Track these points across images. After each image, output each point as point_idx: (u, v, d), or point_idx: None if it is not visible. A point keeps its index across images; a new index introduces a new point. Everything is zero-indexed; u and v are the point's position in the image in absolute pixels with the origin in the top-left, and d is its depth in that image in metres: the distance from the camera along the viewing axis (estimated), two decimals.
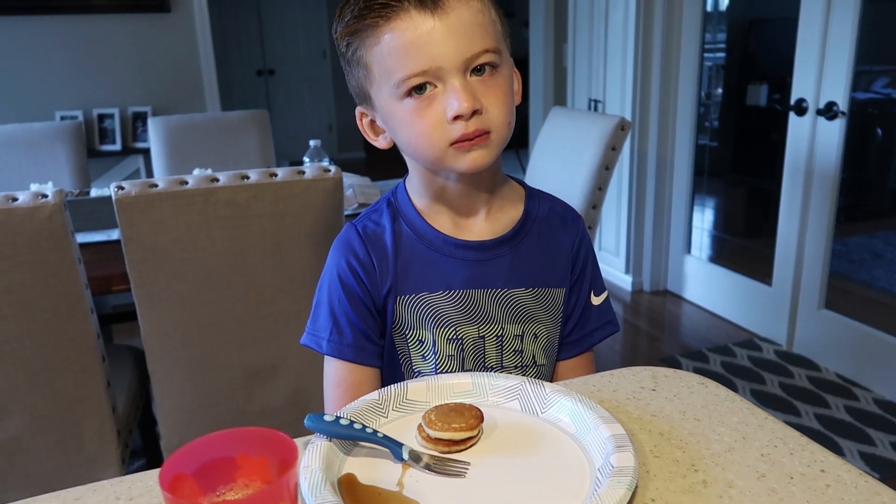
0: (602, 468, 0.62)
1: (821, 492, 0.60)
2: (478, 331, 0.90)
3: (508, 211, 0.92)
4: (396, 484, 0.63)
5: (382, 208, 0.93)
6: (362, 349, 0.90)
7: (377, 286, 0.89)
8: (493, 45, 0.79)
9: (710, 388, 0.79)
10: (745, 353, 2.79)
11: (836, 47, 2.44)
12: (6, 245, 1.26)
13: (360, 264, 0.89)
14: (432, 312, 0.89)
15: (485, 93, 0.78)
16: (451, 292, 0.89)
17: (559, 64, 4.07)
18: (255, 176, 1.37)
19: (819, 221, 2.62)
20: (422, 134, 0.80)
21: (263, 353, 1.55)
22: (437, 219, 0.91)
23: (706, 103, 3.39)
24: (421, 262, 0.89)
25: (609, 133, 2.06)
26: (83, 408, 1.47)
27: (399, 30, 0.76)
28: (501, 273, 0.90)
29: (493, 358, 0.91)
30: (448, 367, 0.90)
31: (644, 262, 3.51)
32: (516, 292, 0.90)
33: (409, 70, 0.77)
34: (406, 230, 0.91)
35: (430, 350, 0.90)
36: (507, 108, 0.81)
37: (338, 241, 0.92)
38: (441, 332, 0.89)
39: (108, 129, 3.69)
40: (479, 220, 0.91)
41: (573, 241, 0.95)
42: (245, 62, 6.90)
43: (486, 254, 0.90)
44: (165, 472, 0.46)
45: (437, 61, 0.76)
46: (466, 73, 0.78)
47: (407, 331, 0.90)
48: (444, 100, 0.78)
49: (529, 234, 0.92)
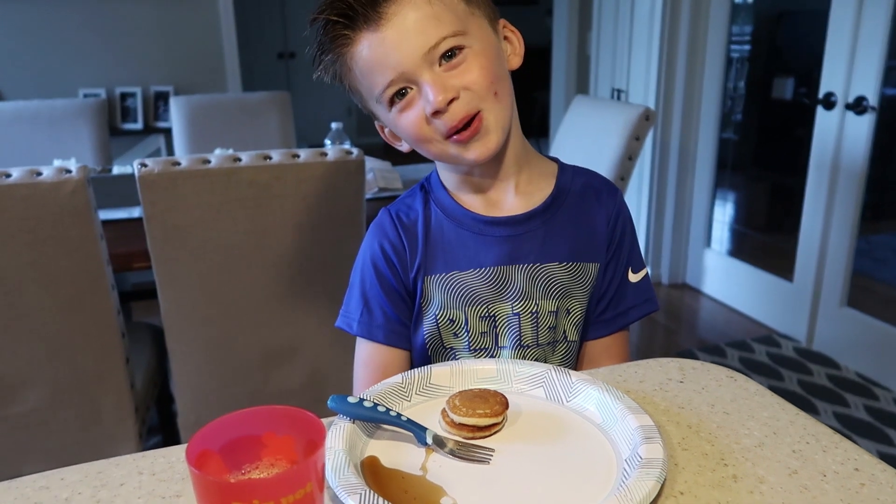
0: (630, 459, 0.61)
1: (855, 490, 0.58)
2: (511, 308, 0.89)
3: (540, 186, 0.92)
4: (420, 468, 0.62)
5: (416, 192, 0.95)
6: (391, 331, 0.92)
7: (407, 268, 0.90)
8: (450, 31, 0.79)
9: (740, 381, 0.77)
10: (764, 350, 2.76)
11: (868, 41, 2.39)
12: (29, 219, 1.27)
13: (392, 247, 0.91)
14: (463, 291, 0.89)
15: (459, 75, 0.79)
16: (483, 270, 0.89)
17: (582, 52, 4.03)
18: (278, 156, 1.37)
19: (844, 218, 2.58)
20: (415, 134, 0.82)
21: (281, 334, 1.55)
22: (466, 198, 0.91)
23: (731, 96, 3.34)
24: (451, 241, 0.90)
25: (633, 122, 2.03)
26: (102, 383, 1.48)
27: (359, 52, 0.80)
28: (534, 248, 0.89)
29: (529, 335, 0.90)
30: (482, 344, 0.90)
31: (663, 254, 3.48)
32: (549, 267, 0.89)
33: (380, 84, 0.80)
34: (436, 211, 0.92)
35: (462, 328, 0.90)
36: (487, 80, 0.80)
37: (372, 226, 0.94)
38: (473, 310, 0.89)
39: (130, 108, 3.71)
40: (508, 196, 0.90)
41: (609, 215, 0.93)
42: (266, 45, 6.89)
43: (517, 229, 0.89)
44: (192, 449, 0.46)
45: (399, 67, 0.78)
46: (434, 65, 0.79)
47: (438, 310, 0.90)
48: (422, 98, 0.80)
49: (562, 208, 0.91)
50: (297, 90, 6.98)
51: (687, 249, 3.44)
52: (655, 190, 3.40)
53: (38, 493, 0.60)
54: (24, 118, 2.51)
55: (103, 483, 0.62)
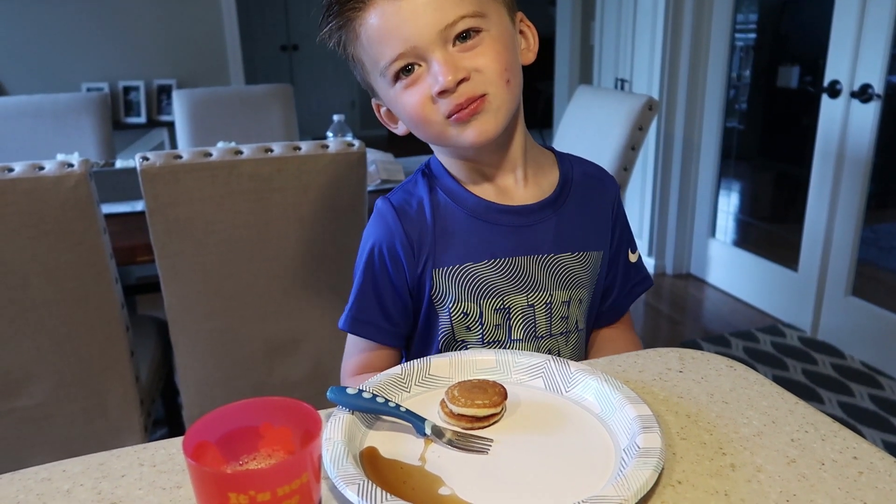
0: (628, 449, 0.61)
1: (853, 479, 0.58)
2: (527, 299, 0.87)
3: (546, 174, 0.91)
4: (419, 458, 0.62)
5: (417, 179, 0.91)
6: (379, 329, 0.89)
7: (414, 262, 0.87)
8: (470, 10, 0.76)
9: (739, 371, 0.77)
10: (769, 339, 2.76)
11: (873, 28, 2.37)
12: (32, 214, 1.27)
13: (396, 240, 0.86)
14: (478, 283, 0.86)
15: (472, 58, 0.76)
16: (497, 261, 0.86)
17: (586, 42, 4.01)
18: (279, 149, 1.37)
19: (849, 207, 2.57)
20: (416, 114, 0.79)
21: (285, 326, 1.55)
22: (475, 186, 0.88)
23: (735, 85, 3.32)
24: (462, 230, 0.86)
25: (637, 112, 2.02)
26: (107, 376, 1.49)
27: (370, 20, 0.77)
28: (547, 238, 0.87)
29: (543, 326, 0.89)
30: (495, 336, 0.88)
31: (667, 244, 3.47)
32: (563, 257, 0.88)
33: (388, 56, 0.77)
34: (444, 199, 0.88)
35: (476, 321, 0.87)
36: (500, 66, 0.77)
37: (373, 216, 0.90)
38: (488, 302, 0.87)
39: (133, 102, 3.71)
40: (518, 185, 0.88)
41: (611, 202, 0.94)
42: (269, 37, 6.88)
43: (531, 218, 0.87)
44: (189, 440, 0.46)
45: (411, 41, 0.75)
46: (447, 44, 0.76)
47: (450, 303, 0.87)
48: (430, 76, 0.76)
49: (570, 197, 0.90)
50: (300, 83, 6.98)
51: (691, 239, 3.43)
52: (660, 180, 3.39)
53: (40, 484, 0.61)
54: (27, 112, 2.52)
55: (104, 475, 0.62)
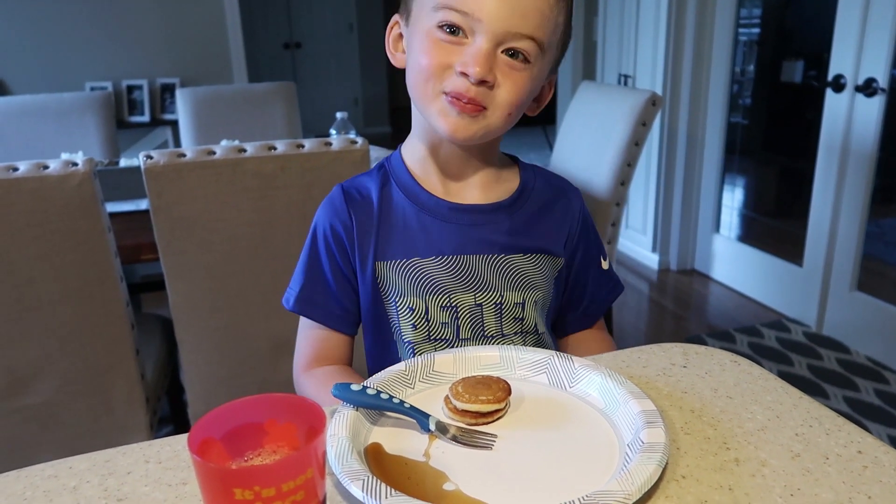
0: (632, 444, 0.61)
1: (857, 473, 0.58)
2: (474, 298, 0.87)
3: (504, 182, 0.90)
4: (423, 454, 0.62)
5: (374, 171, 0.91)
6: (331, 313, 0.90)
7: (354, 247, 0.87)
8: (540, 38, 0.76)
9: (743, 365, 0.77)
10: (773, 334, 2.75)
11: (878, 22, 2.36)
12: (37, 212, 1.28)
13: (342, 226, 0.87)
14: (424, 278, 0.86)
15: (504, 75, 0.76)
16: (445, 258, 0.86)
17: (589, 38, 4.00)
18: (283, 147, 1.37)
19: (854, 201, 2.56)
20: (426, 68, 0.77)
21: (289, 324, 1.55)
22: (430, 182, 0.88)
23: (739, 80, 3.31)
24: (411, 225, 0.87)
25: (640, 108, 2.02)
26: (113, 374, 1.49)
27: None
28: (498, 239, 0.87)
29: (493, 326, 0.88)
30: (442, 334, 0.87)
31: (671, 240, 3.47)
32: (514, 258, 0.88)
33: (455, 4, 0.74)
34: (397, 193, 0.88)
35: (421, 318, 0.87)
36: (515, 100, 0.78)
37: (325, 201, 0.91)
38: (434, 299, 0.86)
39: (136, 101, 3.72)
40: (472, 188, 0.88)
41: (575, 214, 0.94)
42: (272, 35, 6.88)
43: (482, 217, 0.87)
44: (194, 436, 0.46)
45: (480, 12, 0.74)
46: (500, 46, 0.75)
47: (397, 298, 0.87)
48: (464, 53, 0.75)
49: (528, 203, 0.90)
50: (303, 81, 6.98)
51: (696, 235, 3.43)
52: (663, 175, 3.38)
53: (47, 481, 0.61)
54: (31, 112, 2.53)
55: (111, 471, 0.62)
